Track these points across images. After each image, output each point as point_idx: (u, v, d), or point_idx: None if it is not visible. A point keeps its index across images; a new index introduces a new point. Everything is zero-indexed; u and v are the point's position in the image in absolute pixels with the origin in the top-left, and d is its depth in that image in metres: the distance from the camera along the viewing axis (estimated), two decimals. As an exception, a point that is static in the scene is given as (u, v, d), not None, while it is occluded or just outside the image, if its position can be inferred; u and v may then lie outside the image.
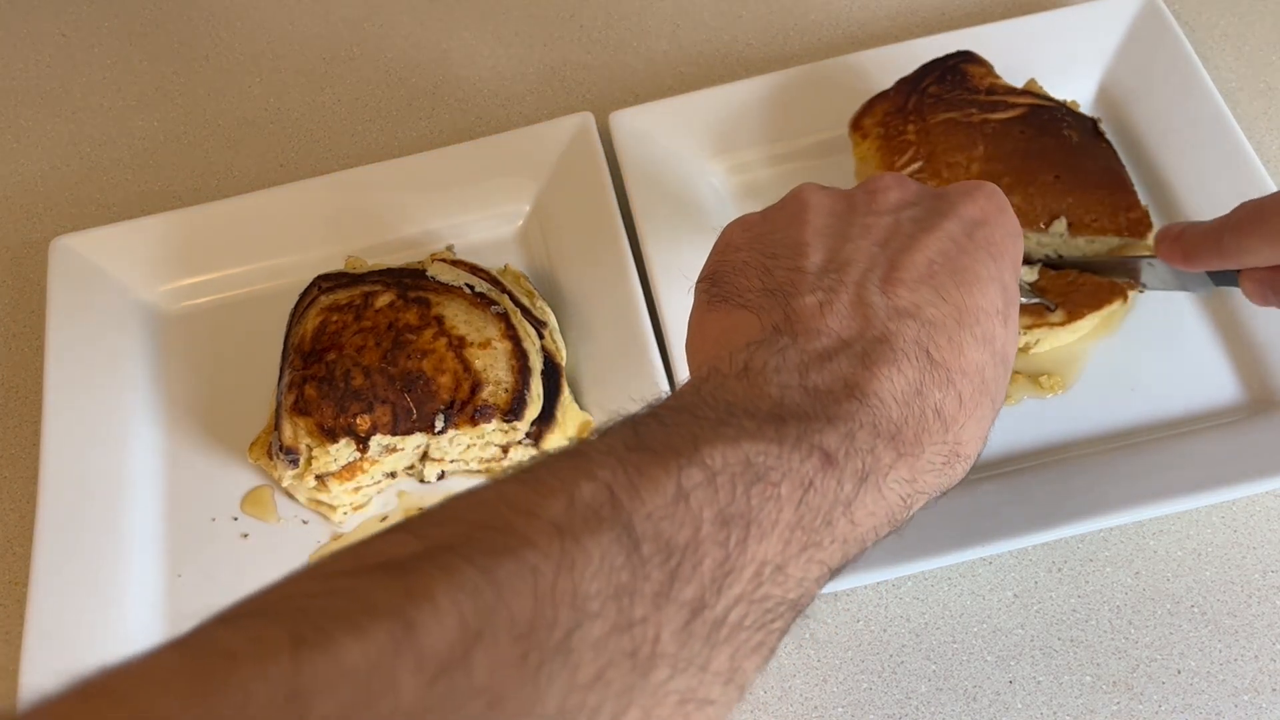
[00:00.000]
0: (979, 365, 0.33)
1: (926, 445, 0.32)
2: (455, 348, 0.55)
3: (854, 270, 0.34)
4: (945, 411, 0.32)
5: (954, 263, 0.34)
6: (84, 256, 0.64)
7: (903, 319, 0.33)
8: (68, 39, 0.79)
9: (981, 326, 0.34)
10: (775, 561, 0.28)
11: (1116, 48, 0.65)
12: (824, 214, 0.37)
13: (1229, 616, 0.51)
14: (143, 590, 0.55)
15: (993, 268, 0.35)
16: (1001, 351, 0.34)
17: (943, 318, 0.33)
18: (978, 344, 0.33)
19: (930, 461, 0.32)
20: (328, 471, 0.54)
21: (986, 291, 0.34)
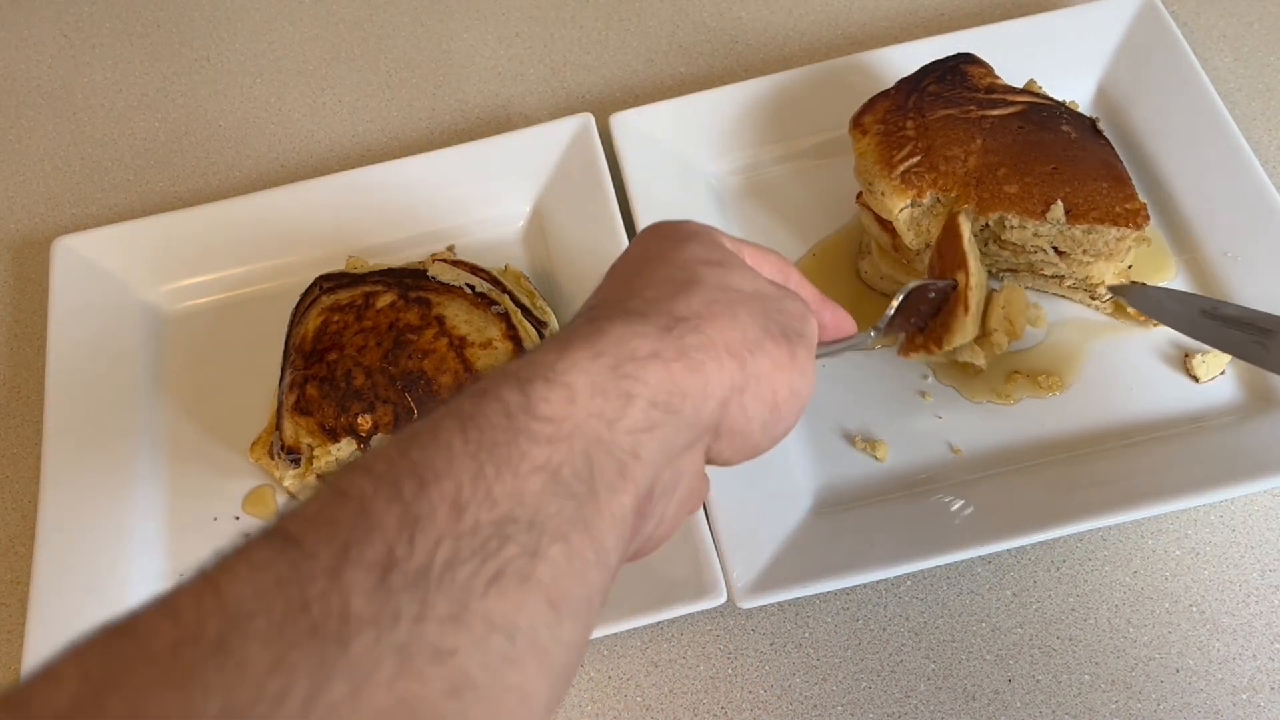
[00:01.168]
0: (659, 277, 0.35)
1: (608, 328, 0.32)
2: (456, 348, 0.55)
3: None
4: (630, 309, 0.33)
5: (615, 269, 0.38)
6: (86, 256, 0.64)
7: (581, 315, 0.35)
8: (68, 39, 0.79)
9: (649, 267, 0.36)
10: (469, 490, 0.27)
11: (1115, 49, 0.65)
12: None
13: (1227, 615, 0.51)
14: (144, 590, 0.55)
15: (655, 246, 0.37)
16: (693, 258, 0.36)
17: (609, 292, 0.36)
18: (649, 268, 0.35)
19: (630, 332, 0.32)
20: (329, 471, 0.54)
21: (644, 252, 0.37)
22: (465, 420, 0.28)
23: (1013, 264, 0.57)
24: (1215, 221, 0.59)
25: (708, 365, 0.32)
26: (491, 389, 0.29)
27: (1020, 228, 0.54)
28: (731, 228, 0.63)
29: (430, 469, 0.27)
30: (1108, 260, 0.55)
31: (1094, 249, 0.54)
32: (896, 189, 0.55)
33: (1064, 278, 0.57)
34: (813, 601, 0.53)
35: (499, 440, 0.28)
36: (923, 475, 0.55)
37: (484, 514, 0.27)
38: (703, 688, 0.52)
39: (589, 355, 0.31)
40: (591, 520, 0.29)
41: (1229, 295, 0.57)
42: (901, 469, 0.55)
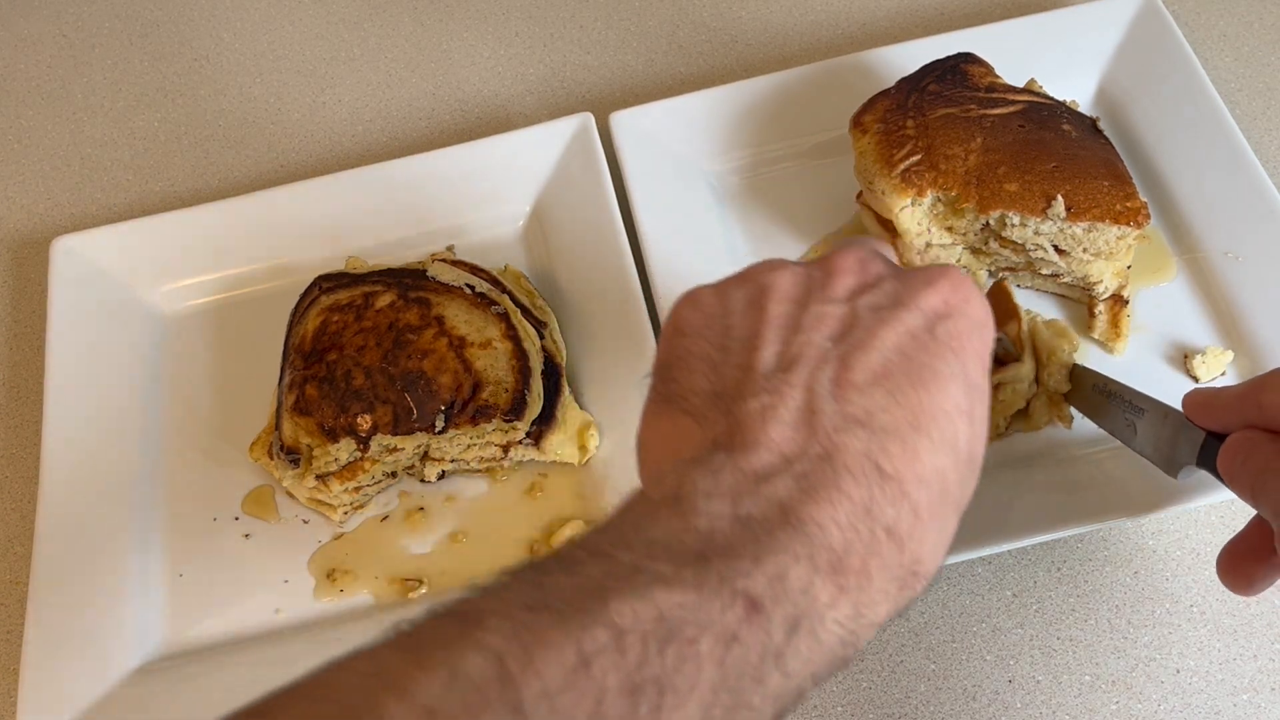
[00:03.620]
0: (938, 471, 0.30)
1: (875, 572, 0.29)
2: (456, 348, 0.55)
3: (803, 370, 0.31)
4: (899, 529, 0.29)
5: (911, 361, 0.31)
6: (85, 256, 0.64)
7: (851, 429, 0.30)
8: (68, 39, 0.79)
9: (940, 428, 0.31)
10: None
11: (1116, 48, 0.65)
12: (781, 300, 0.34)
13: (1228, 616, 0.51)
14: (144, 590, 0.55)
15: (954, 364, 0.32)
16: (966, 452, 0.32)
17: (896, 423, 0.30)
18: (936, 448, 0.30)
19: (882, 590, 0.29)
20: (328, 471, 0.54)
21: (947, 390, 0.31)
22: (730, 642, 0.25)
23: (1012, 263, 0.57)
24: (1215, 221, 0.59)
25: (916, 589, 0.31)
26: (765, 609, 0.26)
27: (1021, 226, 0.54)
28: (732, 227, 0.63)
29: (673, 690, 0.24)
30: (1108, 259, 0.55)
31: (1094, 247, 0.54)
32: (897, 188, 0.55)
33: (1062, 276, 0.57)
34: None
35: (742, 687, 0.26)
36: (923, 475, 0.55)
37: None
38: (702, 688, 0.52)
39: (850, 615, 0.28)
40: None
41: (1229, 295, 0.57)
42: (901, 469, 0.55)
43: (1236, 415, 0.42)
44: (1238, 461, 0.41)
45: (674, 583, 0.26)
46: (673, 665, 0.24)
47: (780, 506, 0.28)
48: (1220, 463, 0.42)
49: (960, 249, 0.58)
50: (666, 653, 0.24)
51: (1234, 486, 0.42)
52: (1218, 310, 0.58)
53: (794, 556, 0.27)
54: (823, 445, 0.30)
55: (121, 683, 0.52)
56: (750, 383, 0.31)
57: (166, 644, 0.54)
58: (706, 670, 0.25)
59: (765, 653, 0.26)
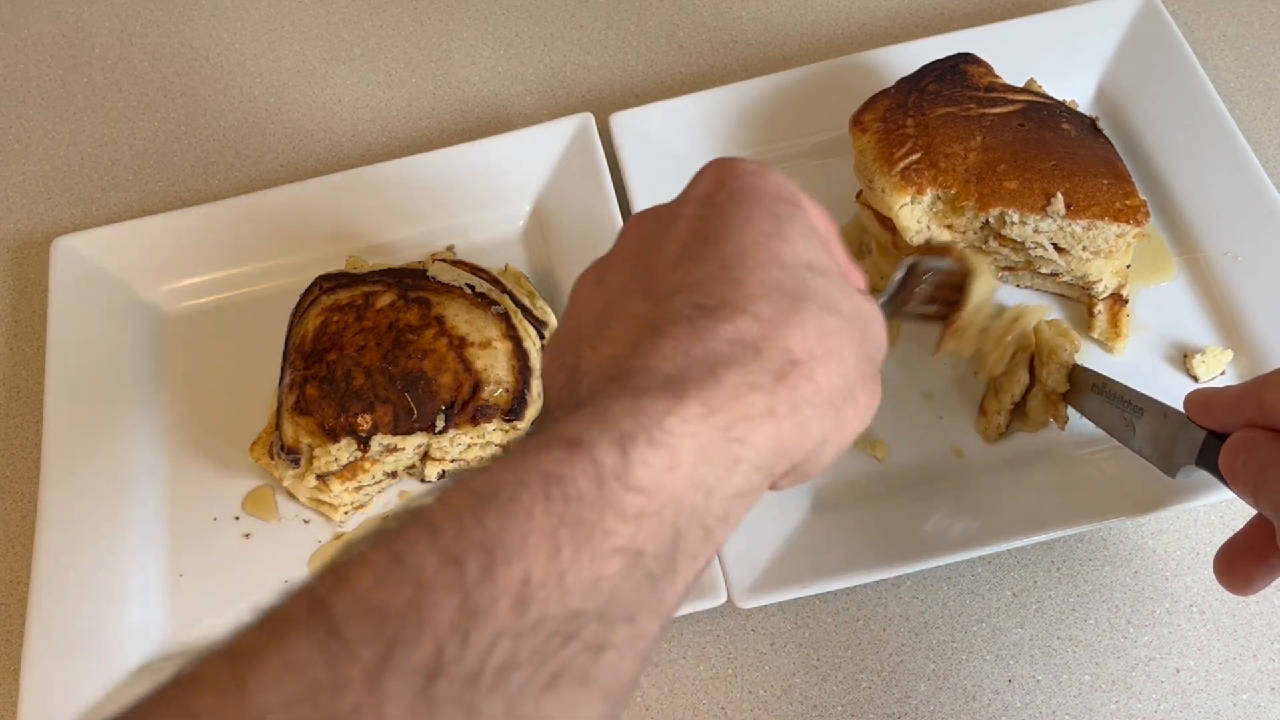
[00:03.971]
0: (772, 283, 0.31)
1: (726, 374, 0.28)
2: (456, 348, 0.55)
3: (618, 304, 0.33)
4: (744, 335, 0.29)
5: (701, 234, 0.33)
6: (85, 256, 0.64)
7: (667, 299, 0.31)
8: (68, 39, 0.79)
9: (755, 256, 0.31)
10: (539, 575, 0.24)
11: (1115, 48, 0.65)
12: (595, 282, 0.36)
13: (1228, 616, 0.51)
14: (144, 590, 0.55)
15: (743, 210, 0.33)
16: (796, 259, 0.32)
17: (705, 274, 0.31)
18: (760, 268, 0.31)
19: (744, 383, 0.28)
20: (329, 471, 0.54)
21: (744, 228, 0.32)
22: (550, 481, 0.25)
23: (1012, 261, 0.57)
24: (1215, 221, 0.59)
25: (812, 423, 0.30)
26: (587, 441, 0.26)
27: (1021, 224, 0.54)
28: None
29: (502, 546, 0.24)
30: (1107, 258, 0.55)
31: (1094, 245, 0.54)
32: (896, 186, 0.55)
33: (1062, 275, 0.57)
34: (813, 601, 0.53)
35: (583, 515, 0.25)
36: (923, 475, 0.55)
37: (551, 608, 0.24)
38: (702, 688, 0.52)
39: (702, 413, 0.27)
40: (664, 596, 0.27)
41: (1229, 295, 0.57)
42: (902, 469, 0.55)
43: (1238, 414, 0.42)
44: (1239, 460, 0.41)
45: (486, 467, 0.26)
46: (495, 526, 0.24)
47: (608, 376, 0.29)
48: (1222, 461, 0.42)
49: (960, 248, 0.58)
50: (484, 518, 0.24)
51: (1235, 485, 0.42)
52: (1218, 310, 0.58)
53: (613, 396, 0.28)
54: (652, 321, 0.31)
55: (121, 683, 0.52)
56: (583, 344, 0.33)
57: (166, 644, 0.54)
58: (536, 516, 0.24)
59: (600, 478, 0.25)
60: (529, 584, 0.24)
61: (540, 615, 0.24)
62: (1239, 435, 0.42)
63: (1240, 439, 0.41)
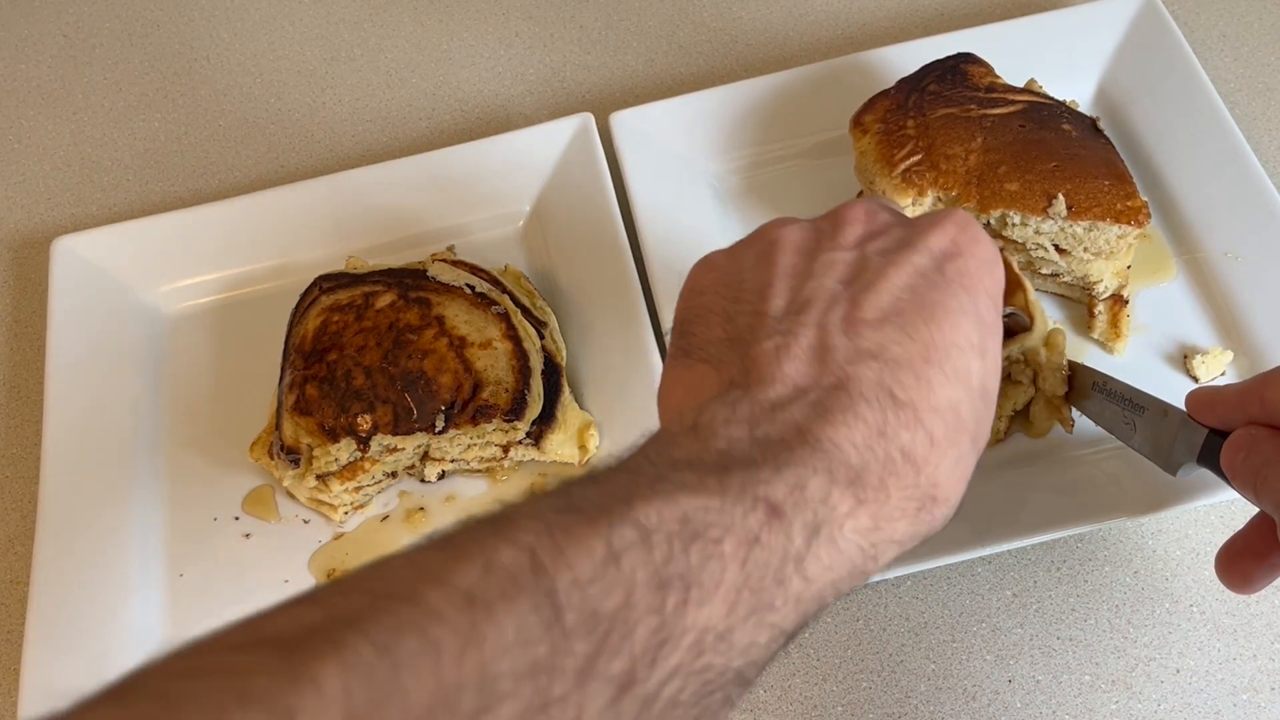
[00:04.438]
0: (952, 402, 0.31)
1: (893, 490, 0.30)
2: (456, 348, 0.55)
3: (814, 311, 0.32)
4: (915, 453, 0.30)
5: (922, 298, 0.32)
6: (85, 257, 0.64)
7: (864, 360, 0.31)
8: (68, 39, 0.79)
9: (953, 362, 0.32)
10: (719, 627, 0.25)
11: (1115, 48, 0.65)
12: (790, 252, 0.35)
13: (1228, 616, 0.51)
14: (144, 590, 0.55)
15: (965, 300, 0.33)
16: (980, 386, 0.33)
17: (909, 356, 0.31)
18: (949, 380, 0.31)
19: (899, 507, 0.30)
20: (329, 471, 0.54)
21: (959, 326, 0.32)
22: (752, 544, 0.26)
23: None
24: (1215, 221, 0.59)
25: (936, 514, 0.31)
26: (787, 516, 0.27)
27: (1022, 225, 0.54)
28: (731, 227, 0.63)
29: (699, 586, 0.25)
30: (1108, 259, 0.55)
31: (1095, 246, 0.54)
32: (897, 188, 0.55)
33: (1063, 276, 0.57)
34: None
35: (764, 584, 0.27)
36: (923, 475, 0.55)
37: (718, 659, 0.26)
38: (703, 688, 0.52)
39: (869, 527, 0.29)
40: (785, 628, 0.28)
41: (1229, 295, 0.57)
42: (901, 469, 0.55)
43: (1240, 412, 0.42)
44: (1240, 457, 0.41)
45: (697, 489, 0.27)
46: (698, 563, 0.25)
47: (796, 428, 0.30)
48: (1223, 459, 0.42)
49: (960, 249, 0.58)
50: (691, 551, 0.25)
51: (1236, 482, 0.42)
52: (1218, 310, 0.58)
53: (812, 469, 0.28)
54: (836, 376, 0.31)
55: (122, 683, 0.52)
56: (763, 327, 0.33)
57: (166, 644, 0.54)
58: (730, 570, 0.26)
59: (786, 556, 0.27)
60: (708, 632, 0.25)
61: (708, 664, 0.25)
62: (1241, 432, 0.42)
63: (1242, 436, 0.41)
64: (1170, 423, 0.46)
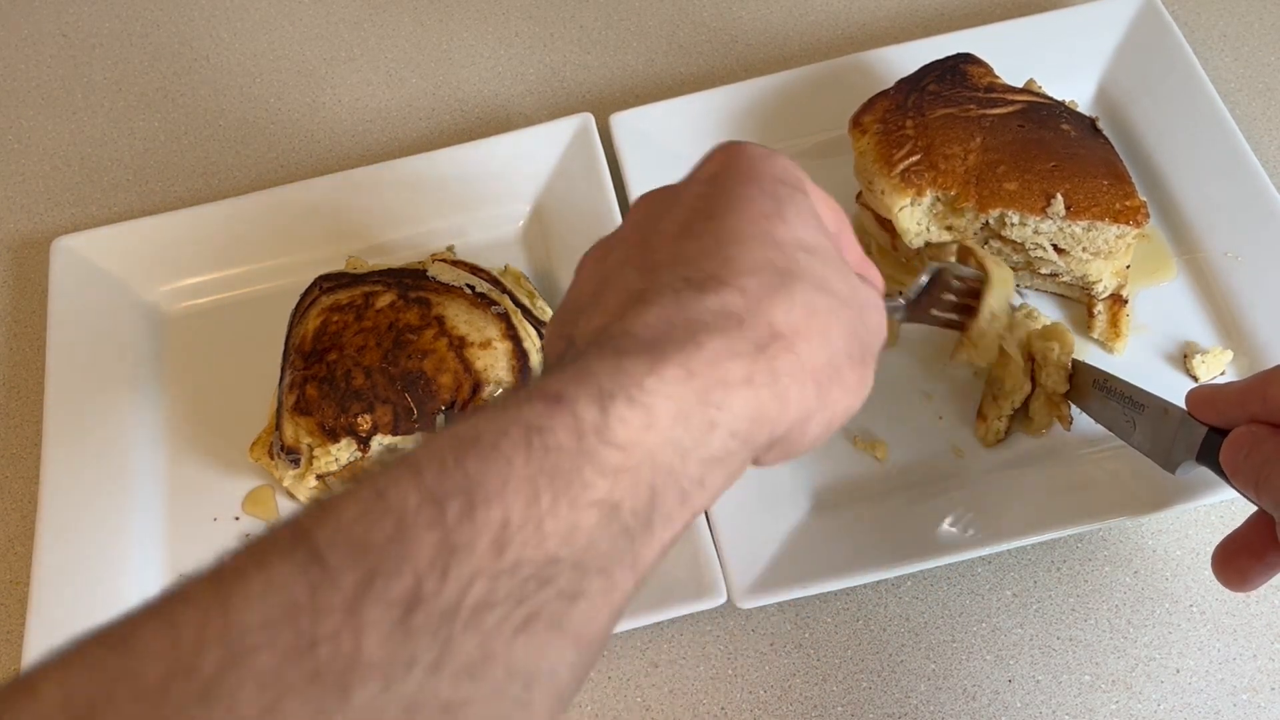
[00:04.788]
0: (759, 261, 0.31)
1: (707, 340, 0.29)
2: (456, 348, 0.55)
3: (614, 277, 0.33)
4: (729, 308, 0.30)
5: (701, 212, 0.33)
6: (85, 256, 0.64)
7: (659, 271, 0.32)
8: (68, 39, 0.79)
9: (749, 233, 0.32)
10: (517, 520, 0.24)
11: (1115, 49, 0.65)
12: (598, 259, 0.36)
13: (1228, 616, 0.51)
14: (144, 590, 0.55)
15: (747, 189, 0.33)
16: (793, 240, 0.32)
17: (703, 248, 0.32)
18: (749, 245, 0.31)
19: (724, 351, 0.29)
20: (329, 471, 0.54)
21: (743, 209, 0.33)
22: (531, 432, 0.26)
23: (1012, 262, 0.57)
24: (1215, 221, 0.59)
25: (791, 394, 0.30)
26: (568, 396, 0.27)
27: (1021, 225, 0.54)
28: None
29: (482, 489, 0.25)
30: (1107, 259, 0.55)
31: (1094, 246, 0.54)
32: (896, 188, 0.55)
33: (1062, 276, 0.57)
34: (813, 601, 0.53)
35: (562, 466, 0.26)
36: (923, 475, 0.55)
37: (528, 551, 0.25)
38: (703, 688, 0.52)
39: (680, 375, 0.28)
40: (640, 553, 0.27)
41: (1229, 295, 0.57)
42: (902, 469, 0.55)
43: (1240, 410, 0.42)
44: (1240, 454, 0.41)
45: (472, 415, 0.27)
46: (475, 469, 0.25)
47: (595, 341, 0.30)
48: (1223, 456, 0.42)
49: (960, 249, 0.58)
50: (466, 461, 0.25)
51: (1236, 480, 0.42)
52: (1218, 310, 0.58)
53: (596, 356, 0.28)
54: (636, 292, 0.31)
55: (122, 683, 0.52)
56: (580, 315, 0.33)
57: (167, 644, 0.54)
58: (516, 464, 0.25)
59: (580, 431, 0.26)
60: (507, 527, 0.24)
61: (517, 558, 0.24)
62: (1241, 430, 0.42)
63: (1242, 434, 0.41)
64: (1170, 421, 0.47)
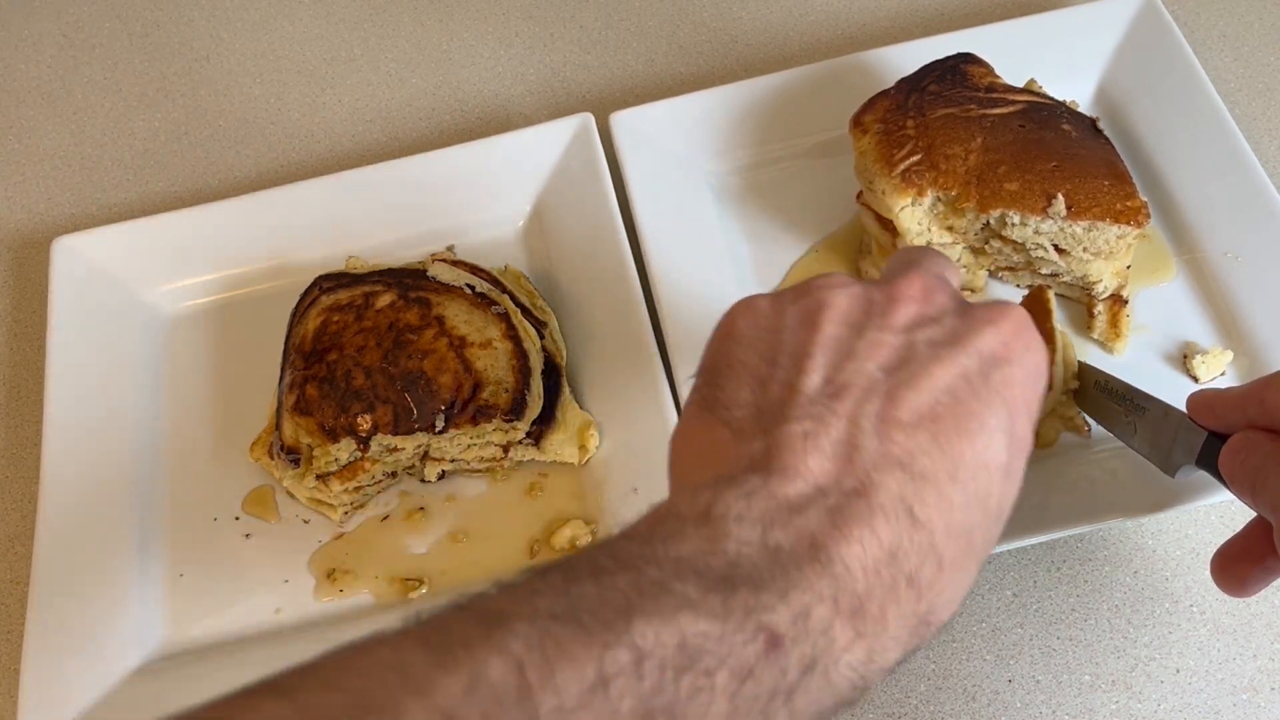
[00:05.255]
0: (968, 526, 0.30)
1: (891, 619, 0.28)
2: (456, 348, 0.55)
3: (849, 399, 0.31)
4: (920, 579, 0.29)
5: (960, 406, 0.31)
6: (85, 256, 0.64)
7: (890, 468, 0.29)
8: (68, 39, 0.79)
9: (978, 482, 0.30)
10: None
11: (1115, 49, 0.65)
12: (837, 321, 0.33)
13: (1227, 616, 0.51)
14: (144, 590, 0.55)
15: (1003, 416, 0.31)
16: (998, 509, 0.31)
17: (935, 470, 0.29)
18: (970, 502, 0.30)
19: (894, 636, 0.28)
20: (329, 471, 0.54)
21: (991, 443, 0.30)
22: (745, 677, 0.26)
23: (1013, 262, 0.57)
24: (1215, 221, 0.59)
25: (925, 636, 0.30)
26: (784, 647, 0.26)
27: (1021, 225, 0.54)
28: (731, 227, 0.63)
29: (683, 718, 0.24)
30: (1107, 259, 0.55)
31: (1094, 246, 0.54)
32: (897, 187, 0.55)
33: (1062, 276, 0.57)
34: None
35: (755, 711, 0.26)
36: (923, 475, 0.55)
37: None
38: (703, 688, 0.52)
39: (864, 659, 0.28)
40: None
41: (1229, 295, 0.57)
42: (901, 469, 0.55)
43: (1240, 415, 0.42)
44: (1238, 460, 0.41)
45: (700, 608, 0.25)
46: (686, 694, 0.24)
47: (810, 539, 0.28)
48: (1221, 461, 0.42)
49: (960, 249, 0.58)
50: (682, 681, 0.24)
51: (1233, 485, 0.42)
52: (1218, 310, 0.58)
53: (818, 596, 0.27)
54: (859, 480, 0.29)
55: (121, 683, 0.52)
56: (794, 405, 0.31)
57: (166, 644, 0.54)
58: (719, 703, 0.25)
59: (777, 690, 0.26)
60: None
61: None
62: (1239, 436, 0.42)
63: (1240, 439, 0.41)
64: (1170, 424, 0.46)
